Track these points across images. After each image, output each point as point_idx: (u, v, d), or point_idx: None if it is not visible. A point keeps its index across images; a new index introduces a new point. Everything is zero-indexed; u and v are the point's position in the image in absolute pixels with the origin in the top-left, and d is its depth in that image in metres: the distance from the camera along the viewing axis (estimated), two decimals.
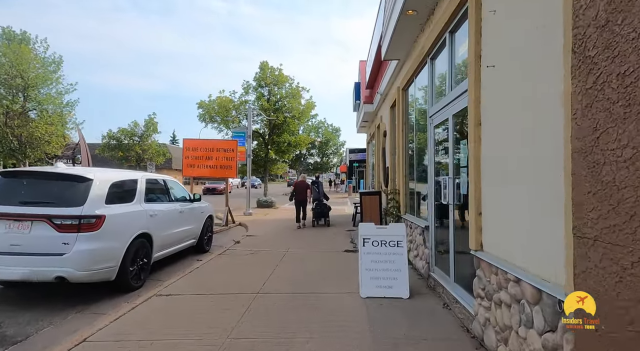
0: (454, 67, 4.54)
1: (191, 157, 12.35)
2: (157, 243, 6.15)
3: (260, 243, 9.20)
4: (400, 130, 7.57)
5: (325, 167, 42.55)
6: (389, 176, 9.50)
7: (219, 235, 11.11)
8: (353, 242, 9.02)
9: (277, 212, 17.35)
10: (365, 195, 9.99)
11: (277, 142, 20.12)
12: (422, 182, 6.49)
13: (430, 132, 5.47)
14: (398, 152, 7.95)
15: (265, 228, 11.83)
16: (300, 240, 9.51)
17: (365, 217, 9.90)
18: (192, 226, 7.77)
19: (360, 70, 14.90)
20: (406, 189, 7.52)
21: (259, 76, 19.81)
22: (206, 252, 8.47)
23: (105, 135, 29.24)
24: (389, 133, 9.47)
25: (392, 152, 9.28)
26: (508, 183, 2.90)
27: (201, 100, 20.15)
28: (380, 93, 10.15)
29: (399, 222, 7.78)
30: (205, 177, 13.15)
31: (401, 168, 7.58)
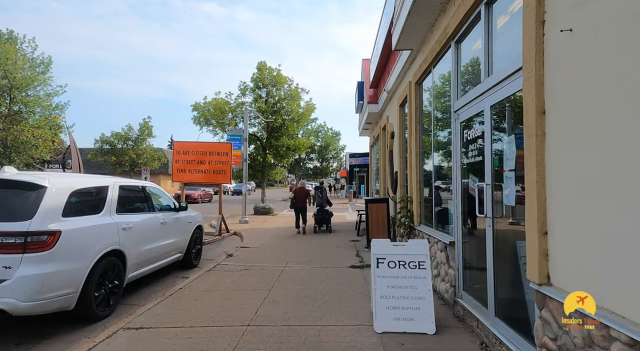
0: (493, 45, 3.65)
1: (182, 161, 11.44)
2: (132, 261, 5.22)
3: (255, 256, 8.27)
4: (414, 130, 6.68)
5: (325, 171, 41.58)
6: (398, 182, 8.59)
7: (212, 246, 10.18)
8: (359, 255, 8.09)
9: (275, 220, 16.41)
10: (371, 203, 9.08)
11: (275, 145, 19.20)
12: (443, 189, 5.58)
13: (456, 129, 4.58)
14: (410, 155, 7.05)
15: (261, 238, 10.90)
16: (300, 253, 8.58)
17: (372, 226, 8.98)
18: (178, 238, 6.84)
19: (363, 68, 14.07)
20: (420, 196, 6.61)
21: (256, 77, 18.93)
22: (194, 267, 7.54)
23: (97, 139, 28.30)
24: (398, 134, 8.58)
25: (401, 155, 8.39)
26: (608, 194, 1.99)
27: (196, 102, 19.27)
28: (387, 91, 9.28)
29: (412, 233, 6.86)
30: (197, 183, 12.19)
31: (415, 173, 6.68)
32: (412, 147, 6.80)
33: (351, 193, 33.20)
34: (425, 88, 6.49)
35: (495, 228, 3.56)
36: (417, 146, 6.62)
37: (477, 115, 3.96)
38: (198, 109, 19.29)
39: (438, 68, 5.53)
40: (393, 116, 9.34)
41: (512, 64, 3.12)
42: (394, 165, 9.33)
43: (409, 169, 7.17)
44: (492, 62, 3.67)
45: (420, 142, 6.61)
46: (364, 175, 37.87)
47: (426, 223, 6.27)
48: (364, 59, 14.43)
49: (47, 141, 20.05)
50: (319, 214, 12.00)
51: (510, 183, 3.20)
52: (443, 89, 5.52)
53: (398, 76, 7.91)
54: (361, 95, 13.65)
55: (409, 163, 7.16)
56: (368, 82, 12.57)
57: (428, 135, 6.32)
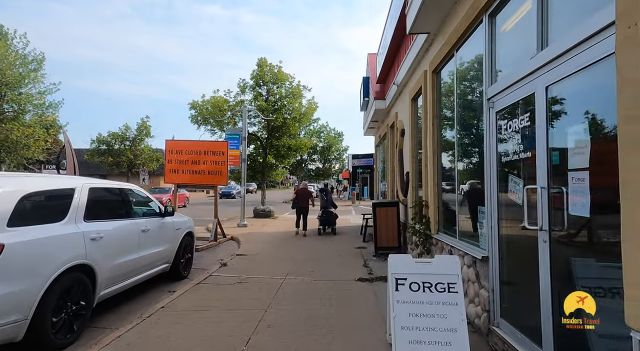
0: (549, 7, 2.85)
1: (174, 161, 10.66)
2: (103, 276, 4.44)
3: (251, 265, 7.48)
4: (430, 125, 5.88)
5: (327, 173, 40.75)
6: (410, 183, 7.79)
7: (206, 253, 9.40)
8: (367, 265, 7.28)
9: (275, 223, 15.61)
10: (380, 207, 8.28)
11: (276, 145, 18.41)
12: (468, 193, 4.78)
13: (489, 120, 3.78)
14: (426, 154, 6.26)
15: (260, 244, 10.11)
16: (302, 262, 7.78)
17: (380, 232, 8.18)
18: (163, 247, 6.06)
19: (369, 63, 13.28)
20: (438, 200, 5.80)
21: (256, 74, 18.14)
22: (184, 278, 6.76)
23: (94, 139, 27.55)
24: (409, 131, 7.78)
25: (413, 154, 7.59)
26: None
27: (193, 101, 18.51)
28: (397, 84, 8.49)
29: (428, 242, 6.05)
30: (191, 184, 11.42)
31: (431, 174, 5.88)
32: (428, 144, 6.00)
33: (354, 195, 32.36)
34: (444, 76, 5.69)
35: (552, 245, 2.75)
36: (434, 143, 5.82)
37: (523, 100, 3.16)
38: (196, 108, 18.54)
39: (463, 51, 4.73)
40: (404, 111, 8.55)
41: (582, 29, 2.32)
42: (405, 166, 8.53)
43: (424, 169, 6.37)
44: (547, 31, 2.87)
45: (438, 138, 5.81)
46: (367, 177, 37.06)
47: (446, 231, 5.46)
48: (370, 54, 13.65)
49: (40, 141, 19.33)
50: (324, 216, 11.80)
51: (581, 186, 2.40)
52: (469, 75, 4.72)
53: (410, 66, 7.11)
54: (367, 91, 12.87)
55: (424, 162, 6.36)
56: (374, 77, 11.78)
57: (448, 130, 5.52)
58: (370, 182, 37.25)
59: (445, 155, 5.66)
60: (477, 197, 4.17)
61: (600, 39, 2.19)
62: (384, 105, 10.92)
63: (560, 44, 2.59)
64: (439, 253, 5.50)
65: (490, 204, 3.74)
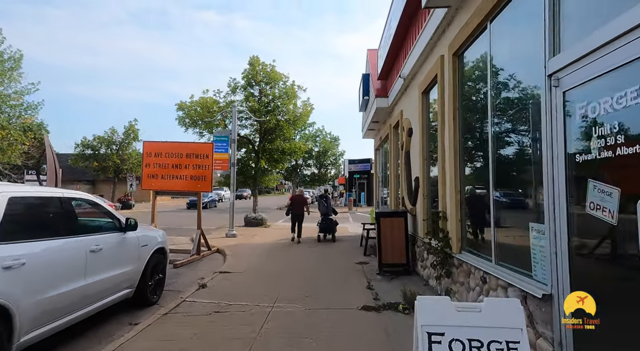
0: None
1: (153, 165, 9.52)
2: (26, 316, 3.30)
3: (236, 286, 6.36)
4: (450, 119, 4.83)
5: (323, 178, 39.61)
6: (420, 191, 6.73)
7: (186, 269, 8.24)
8: (371, 287, 6.16)
9: (268, 232, 14.47)
10: (385, 217, 7.18)
11: (268, 149, 17.29)
12: (506, 201, 3.71)
13: (552, 103, 2.72)
14: (443, 155, 5.20)
15: (249, 258, 8.97)
16: (295, 282, 6.66)
17: (385, 246, 7.08)
18: (123, 269, 4.92)
19: (369, 59, 12.27)
20: (461, 211, 4.73)
21: (248, 73, 17.06)
22: (152, 304, 5.62)
23: (78, 143, 26.22)
24: (419, 130, 6.73)
25: (424, 157, 6.53)
26: None
27: (181, 102, 17.36)
28: (403, 77, 7.45)
29: (448, 263, 4.97)
30: (171, 191, 10.25)
31: (451, 179, 4.82)
32: (447, 143, 4.94)
33: (350, 202, 31.31)
34: (470, 59, 4.64)
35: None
36: (455, 141, 4.75)
37: (620, 69, 2.10)
38: (183, 109, 17.40)
39: (502, 19, 3.68)
40: (411, 108, 7.50)
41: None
42: (413, 170, 7.47)
43: (441, 174, 5.31)
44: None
45: (461, 136, 4.74)
46: (364, 182, 36.02)
47: (474, 251, 4.37)
48: (370, 50, 12.64)
49: (16, 144, 18.10)
50: (324, 222, 11.65)
51: None
52: (510, 51, 3.67)
53: (422, 53, 6.07)
54: (367, 89, 11.84)
55: (441, 165, 5.30)
56: (375, 74, 10.75)
57: (476, 123, 4.47)
58: (368, 188, 36.22)
59: (471, 155, 4.60)
60: (524, 210, 3.11)
61: None
62: (386, 103, 9.88)
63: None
64: (464, 279, 4.42)
65: (555, 221, 2.67)
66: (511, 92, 3.70)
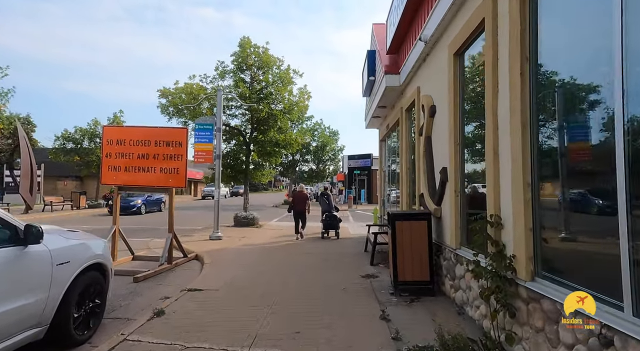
0: None
1: (115, 155, 7.84)
2: None
3: (204, 313, 4.72)
4: (516, 76, 3.17)
5: (321, 175, 37.90)
6: (449, 186, 5.08)
7: (148, 285, 6.57)
8: (387, 317, 4.50)
9: (258, 234, 12.79)
10: (401, 220, 5.51)
11: (261, 141, 15.58)
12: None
13: None
14: (495, 132, 3.57)
15: (230, 268, 7.32)
16: (284, 306, 5.01)
17: (401, 259, 5.43)
18: (22, 301, 3.27)
19: (375, 34, 10.59)
20: (533, 214, 3.08)
21: (238, 56, 15.31)
22: (79, 343, 3.98)
23: (59, 136, 24.32)
24: (448, 105, 5.08)
25: (458, 139, 4.88)
26: None
27: (164, 88, 15.62)
28: (425, 40, 5.79)
29: (508, 294, 3.31)
30: (137, 186, 8.52)
31: (513, 165, 3.18)
32: (503, 114, 3.29)
33: (350, 199, 29.64)
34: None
35: None
36: (522, 108, 3.10)
37: None
38: (167, 96, 15.66)
39: None
40: (435, 80, 5.84)
41: None
42: (436, 160, 5.83)
43: (492, 161, 3.66)
44: None
45: (533, 98, 3.09)
46: (364, 179, 34.35)
47: (571, 283, 2.71)
48: (375, 24, 10.96)
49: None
50: (328, 219, 11.66)
51: None
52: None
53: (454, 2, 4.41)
54: (372, 68, 10.17)
55: (491, 148, 3.65)
56: (384, 48, 9.08)
57: (572, 80, 2.82)
58: (368, 184, 34.55)
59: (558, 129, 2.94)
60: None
61: None
62: (398, 81, 8.21)
63: None
64: (544, 324, 2.77)
65: None
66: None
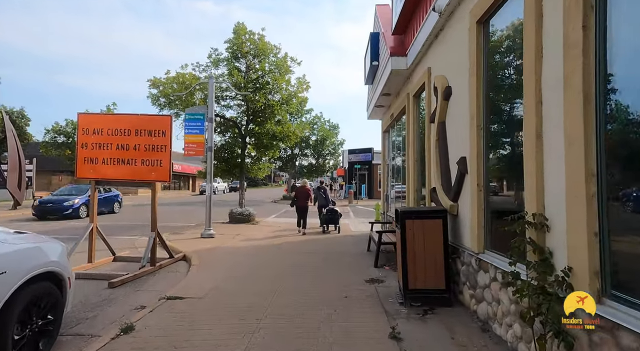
0: None
1: (91, 146, 7.07)
2: None
3: (181, 328, 3.98)
4: (582, 35, 2.39)
5: (320, 169, 37.07)
6: (470, 179, 4.31)
7: (125, 290, 5.82)
8: (398, 335, 3.75)
9: (254, 231, 12.05)
10: (412, 219, 4.75)
11: (257, 133, 14.78)
12: None
13: None
14: (537, 107, 2.79)
15: (219, 271, 6.58)
16: (276, 320, 4.27)
17: (412, 263, 4.67)
18: None
19: (378, 16, 9.77)
20: (600, 214, 2.31)
21: (232, 43, 14.47)
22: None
23: (49, 129, 23.49)
24: (470, 82, 4.30)
25: (482, 122, 4.11)
26: None
27: (154, 77, 14.78)
28: (439, 10, 5.00)
29: (555, 314, 2.54)
30: (116, 180, 7.77)
31: (579, 150, 2.41)
32: (547, 79, 2.52)
33: (351, 194, 28.87)
34: None
35: None
36: (589, 72, 2.32)
37: None
38: (157, 86, 14.84)
39: None
40: (452, 56, 5.06)
41: None
42: (451, 149, 5.06)
43: (530, 147, 2.90)
44: None
45: (601, 62, 2.31)
46: (365, 174, 33.56)
47: None
48: (379, 5, 10.14)
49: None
50: (329, 214, 11.61)
51: None
52: None
53: None
54: (375, 52, 9.37)
55: (532, 129, 2.88)
56: (389, 29, 8.27)
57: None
58: (369, 179, 33.75)
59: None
60: None
61: None
62: (404, 64, 7.43)
63: None
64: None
65: None
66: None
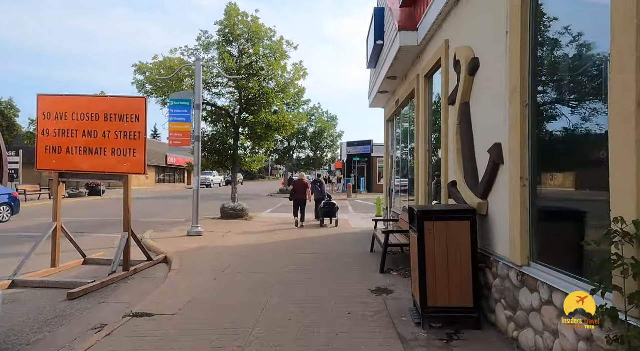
0: None
1: (54, 133, 6.11)
2: None
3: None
4: None
5: (318, 162, 36.11)
6: (509, 170, 3.39)
7: (86, 303, 4.89)
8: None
9: (247, 228, 11.14)
10: (431, 220, 3.84)
11: (250, 123, 13.81)
12: None
13: None
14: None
15: (202, 277, 5.68)
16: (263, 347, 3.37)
17: (433, 276, 3.77)
18: None
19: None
20: None
21: (224, 25, 13.41)
22: None
23: (33, 120, 22.37)
24: (513, 45, 3.36)
25: (527, 97, 3.18)
26: None
27: (140, 63, 13.74)
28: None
29: None
30: (84, 173, 6.84)
31: None
32: None
33: (349, 188, 27.99)
34: None
35: None
36: None
37: None
38: (143, 72, 13.81)
39: None
40: (482, 21, 4.12)
41: None
42: (478, 135, 4.14)
43: (619, 127, 1.95)
44: None
45: None
46: (364, 167, 32.65)
47: None
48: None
49: None
50: (327, 207, 11.54)
51: None
52: None
53: None
54: (379, 30, 8.39)
55: (635, 101, 1.94)
56: (397, 1, 7.29)
57: None
58: (368, 172, 32.87)
59: None
60: None
61: None
62: (415, 40, 6.48)
63: None
64: None
65: None
66: None
